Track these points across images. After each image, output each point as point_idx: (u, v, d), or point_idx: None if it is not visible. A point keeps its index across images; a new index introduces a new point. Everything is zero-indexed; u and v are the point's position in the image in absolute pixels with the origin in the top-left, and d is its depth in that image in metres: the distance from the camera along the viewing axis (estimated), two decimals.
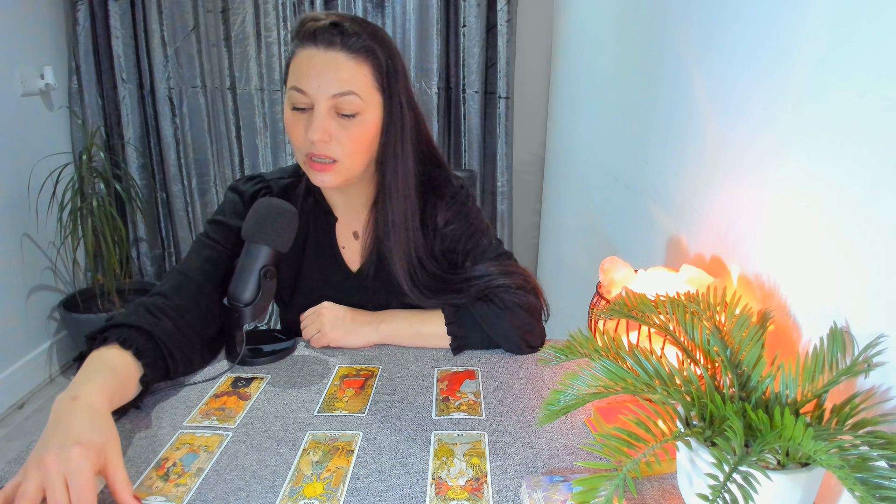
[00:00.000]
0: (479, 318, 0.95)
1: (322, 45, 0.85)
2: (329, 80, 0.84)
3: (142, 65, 2.58)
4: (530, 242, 2.91)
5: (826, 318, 0.61)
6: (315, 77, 0.84)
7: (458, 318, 0.96)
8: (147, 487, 0.66)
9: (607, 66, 1.64)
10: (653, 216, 1.20)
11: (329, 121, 0.86)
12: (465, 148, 2.62)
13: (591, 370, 0.56)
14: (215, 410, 0.81)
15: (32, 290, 2.44)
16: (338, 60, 0.85)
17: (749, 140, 0.81)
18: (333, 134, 0.86)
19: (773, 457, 0.51)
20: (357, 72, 0.86)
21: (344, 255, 1.05)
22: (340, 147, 0.87)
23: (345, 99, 0.85)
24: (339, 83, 0.85)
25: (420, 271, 0.97)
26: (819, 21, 0.65)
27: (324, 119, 0.85)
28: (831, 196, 0.62)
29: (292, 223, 0.90)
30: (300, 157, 0.91)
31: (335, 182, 0.90)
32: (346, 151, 0.88)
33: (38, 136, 2.45)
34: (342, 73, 0.85)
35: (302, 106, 0.87)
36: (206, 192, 2.78)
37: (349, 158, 0.89)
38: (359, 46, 0.86)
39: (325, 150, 0.87)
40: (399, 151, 0.93)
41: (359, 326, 0.97)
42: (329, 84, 0.84)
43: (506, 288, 0.95)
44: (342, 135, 0.87)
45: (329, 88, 0.85)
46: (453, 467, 0.69)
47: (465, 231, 1.00)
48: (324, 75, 0.84)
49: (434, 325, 0.97)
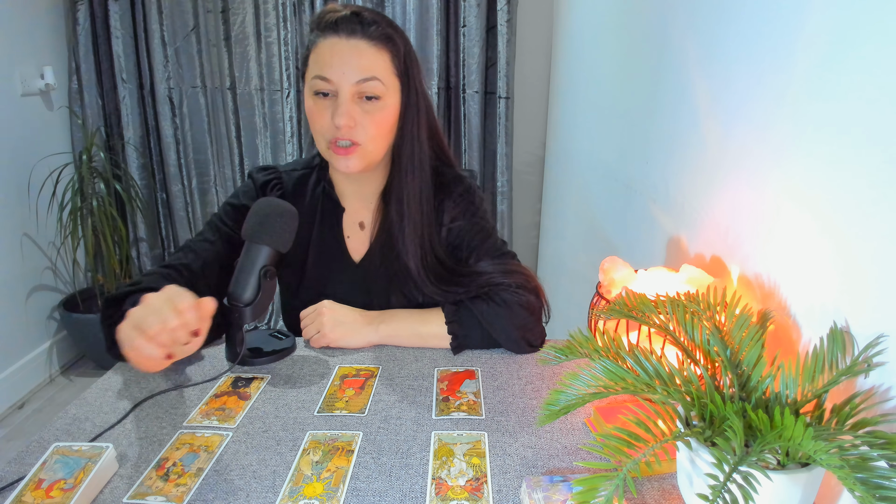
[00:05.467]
0: (479, 316, 0.95)
1: (344, 34, 0.88)
2: (353, 66, 0.88)
3: (142, 65, 2.58)
4: (530, 242, 2.91)
5: (826, 318, 0.61)
6: (339, 64, 0.88)
7: (458, 317, 0.96)
8: (147, 487, 0.66)
9: (607, 66, 1.64)
10: (653, 216, 1.21)
11: (353, 106, 0.89)
12: (465, 148, 2.62)
13: (591, 370, 0.56)
14: (215, 410, 0.81)
15: (32, 290, 2.44)
16: (360, 48, 0.88)
17: (750, 140, 0.81)
18: (357, 119, 0.90)
19: (773, 457, 0.51)
20: (378, 58, 0.90)
21: (348, 245, 1.06)
22: (364, 132, 0.91)
23: (368, 84, 0.89)
24: (362, 69, 0.88)
25: (430, 256, 0.99)
26: (820, 22, 0.65)
27: (349, 104, 0.89)
28: (831, 196, 0.62)
29: (292, 223, 0.90)
30: (323, 143, 0.93)
31: (359, 166, 0.93)
32: (370, 135, 0.91)
33: (38, 136, 2.45)
34: (364, 60, 0.88)
35: (325, 91, 0.90)
36: (206, 192, 2.78)
37: (372, 142, 0.92)
38: (378, 34, 0.89)
39: (349, 134, 0.90)
40: (416, 134, 0.97)
41: (359, 327, 0.98)
42: (353, 71, 0.88)
43: (506, 287, 0.96)
44: (366, 120, 0.90)
45: (353, 75, 0.88)
46: (453, 467, 0.69)
47: (471, 228, 1.02)
48: (348, 62, 0.88)
49: (434, 324, 0.97)
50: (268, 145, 2.68)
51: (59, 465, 0.67)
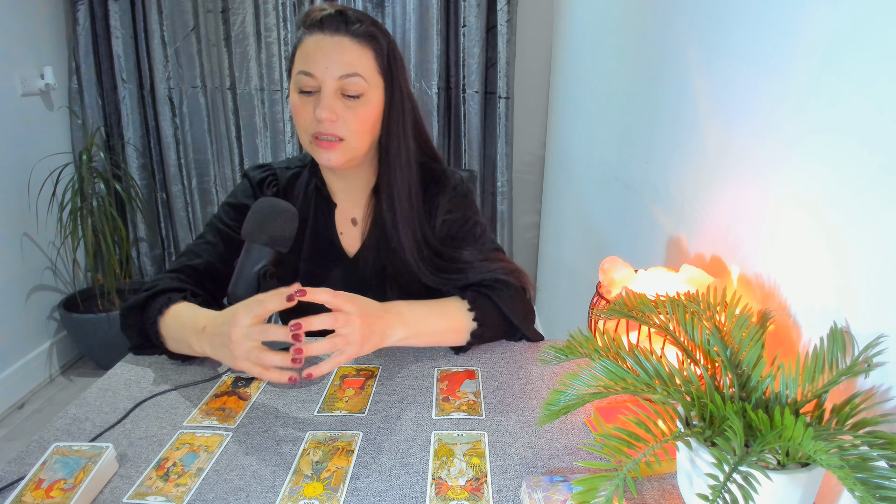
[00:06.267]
0: (497, 300, 0.95)
1: (328, 31, 0.90)
2: (335, 62, 0.89)
3: (142, 65, 2.58)
4: (530, 242, 2.91)
5: (826, 318, 0.61)
6: (322, 59, 0.89)
7: (477, 304, 0.94)
8: (147, 487, 0.66)
9: (607, 66, 1.64)
10: (653, 216, 1.21)
11: (336, 101, 0.91)
12: (465, 148, 2.62)
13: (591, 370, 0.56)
14: (215, 410, 0.81)
15: (32, 290, 2.44)
16: (343, 44, 0.90)
17: (751, 141, 0.81)
18: (340, 114, 0.91)
19: (773, 457, 0.51)
20: (361, 55, 0.91)
21: (342, 241, 1.07)
22: (346, 126, 0.92)
23: (350, 80, 0.90)
24: (345, 65, 0.90)
25: (425, 248, 1.01)
26: (822, 24, 0.65)
27: (331, 99, 0.90)
28: (832, 197, 0.62)
29: (292, 223, 0.90)
30: (306, 138, 0.94)
31: (340, 161, 0.94)
32: (352, 130, 0.92)
33: (38, 136, 2.45)
34: (347, 56, 0.90)
35: (309, 89, 0.91)
36: (206, 192, 2.78)
37: (355, 138, 0.93)
38: (362, 32, 0.91)
39: (331, 129, 0.91)
40: (401, 131, 0.98)
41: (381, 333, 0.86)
42: (336, 66, 0.89)
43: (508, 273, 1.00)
44: (348, 115, 0.91)
45: (335, 70, 0.89)
46: (453, 467, 0.69)
47: (463, 222, 1.05)
48: (331, 57, 0.89)
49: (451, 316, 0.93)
50: (268, 145, 2.68)
51: (59, 465, 0.67)
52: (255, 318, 0.77)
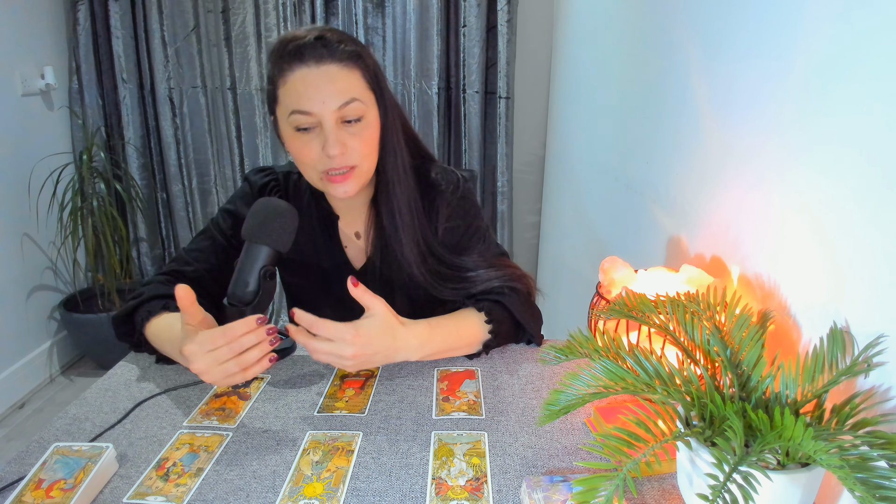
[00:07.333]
0: (512, 310, 0.94)
1: (312, 62, 0.84)
2: (330, 94, 0.84)
3: (142, 65, 2.58)
4: (530, 242, 2.91)
5: (826, 318, 0.61)
6: (315, 94, 0.84)
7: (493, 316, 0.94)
8: (147, 487, 0.66)
9: (608, 67, 1.64)
10: (653, 216, 1.20)
11: (341, 133, 0.87)
12: (465, 148, 2.61)
13: (591, 370, 0.56)
14: (215, 410, 0.81)
15: (32, 290, 2.44)
16: (332, 73, 0.85)
17: (751, 141, 0.81)
18: (348, 144, 0.88)
19: (773, 457, 0.51)
20: (351, 77, 0.87)
21: (348, 254, 1.06)
22: (356, 153, 0.89)
23: (349, 107, 0.86)
24: (340, 94, 0.85)
25: (430, 257, 0.99)
26: (823, 25, 0.65)
27: (336, 133, 0.86)
28: (832, 197, 0.62)
29: (292, 223, 0.90)
30: (314, 175, 0.91)
31: (356, 188, 0.92)
32: (362, 155, 0.90)
33: (38, 136, 2.45)
34: (339, 84, 0.85)
35: (307, 126, 0.86)
36: (207, 192, 2.78)
37: (365, 161, 0.91)
38: (347, 54, 0.86)
39: (343, 161, 0.88)
40: (395, 144, 0.96)
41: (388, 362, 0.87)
42: (332, 98, 0.85)
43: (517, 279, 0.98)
44: (354, 141, 0.88)
45: (332, 102, 0.85)
46: (453, 467, 0.69)
47: (465, 228, 1.03)
48: (324, 90, 0.84)
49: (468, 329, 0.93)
50: (268, 145, 2.68)
51: (59, 465, 0.67)
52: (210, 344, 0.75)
